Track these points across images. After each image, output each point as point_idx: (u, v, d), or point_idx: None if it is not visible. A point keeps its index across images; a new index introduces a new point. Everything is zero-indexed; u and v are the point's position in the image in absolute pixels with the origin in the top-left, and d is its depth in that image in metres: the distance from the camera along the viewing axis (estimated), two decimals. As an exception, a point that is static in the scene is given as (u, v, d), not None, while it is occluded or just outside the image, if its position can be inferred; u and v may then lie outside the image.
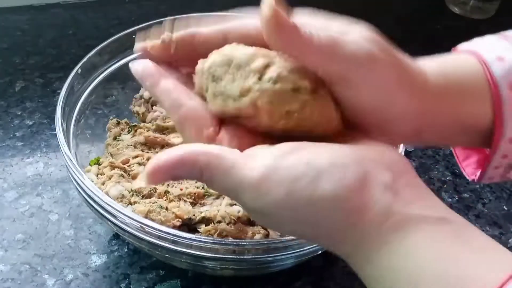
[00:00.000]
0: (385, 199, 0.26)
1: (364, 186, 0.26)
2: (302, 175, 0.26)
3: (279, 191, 0.26)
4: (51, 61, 0.69)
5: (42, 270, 0.47)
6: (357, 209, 0.26)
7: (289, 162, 0.27)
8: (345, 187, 0.26)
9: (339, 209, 0.26)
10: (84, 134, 0.52)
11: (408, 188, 0.27)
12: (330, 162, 0.26)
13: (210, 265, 0.42)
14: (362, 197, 0.26)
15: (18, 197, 0.53)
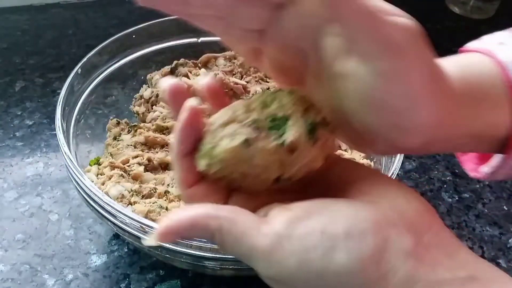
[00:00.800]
0: (406, 268, 0.25)
1: (382, 257, 0.25)
2: (316, 246, 0.25)
3: (291, 262, 0.25)
4: (51, 61, 0.69)
5: (42, 270, 0.47)
6: (376, 280, 0.25)
7: (303, 231, 0.25)
8: (362, 259, 0.24)
9: (356, 282, 0.25)
10: (84, 134, 0.52)
11: (433, 249, 0.26)
12: (346, 231, 0.25)
13: (210, 265, 0.42)
14: (380, 268, 0.25)
15: (18, 197, 0.53)
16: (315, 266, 0.25)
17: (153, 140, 0.51)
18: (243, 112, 0.28)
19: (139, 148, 0.51)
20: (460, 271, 0.25)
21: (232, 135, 0.28)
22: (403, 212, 0.26)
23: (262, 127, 0.28)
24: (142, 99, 0.57)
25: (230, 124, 0.28)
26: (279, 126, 0.28)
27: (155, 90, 0.56)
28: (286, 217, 0.26)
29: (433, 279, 0.25)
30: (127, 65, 0.57)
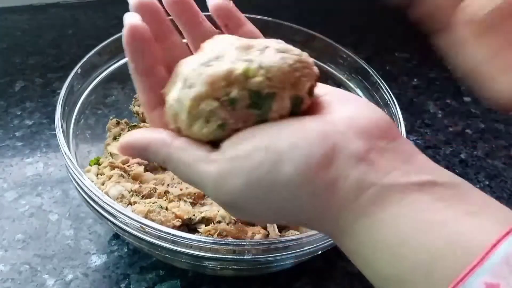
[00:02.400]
0: (357, 172, 0.25)
1: (330, 163, 0.25)
2: (261, 162, 0.25)
3: (239, 182, 0.25)
4: (51, 61, 0.69)
5: (42, 270, 0.47)
6: (325, 187, 0.25)
7: (247, 149, 0.25)
8: (309, 167, 0.24)
9: (304, 191, 0.25)
10: (84, 134, 0.52)
11: (387, 154, 0.25)
12: (291, 142, 0.25)
13: (210, 265, 0.42)
14: (329, 175, 0.25)
15: (18, 197, 0.53)
16: (263, 182, 0.25)
17: (153, 140, 0.51)
18: (223, 85, 0.26)
19: (139, 148, 0.51)
20: (417, 176, 0.25)
21: (207, 117, 0.27)
22: (354, 121, 0.26)
23: (241, 106, 0.26)
24: (142, 99, 0.56)
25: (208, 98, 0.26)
26: (262, 104, 0.26)
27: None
28: (232, 140, 0.26)
29: (387, 183, 0.24)
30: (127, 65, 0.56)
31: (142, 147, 0.28)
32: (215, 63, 0.27)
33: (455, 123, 0.68)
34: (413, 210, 0.24)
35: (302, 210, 0.26)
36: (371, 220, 0.24)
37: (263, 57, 0.27)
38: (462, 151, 0.64)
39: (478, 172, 0.61)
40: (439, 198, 0.24)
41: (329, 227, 0.26)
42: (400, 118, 0.49)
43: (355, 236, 0.25)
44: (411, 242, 0.23)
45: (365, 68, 0.54)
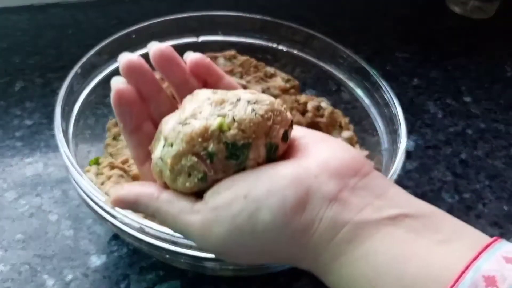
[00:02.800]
0: (331, 213, 0.26)
1: (305, 206, 0.26)
2: (241, 210, 0.26)
3: (222, 231, 0.27)
4: (51, 61, 0.69)
5: (42, 270, 0.47)
6: (302, 230, 0.26)
7: (227, 199, 0.27)
8: (284, 212, 0.26)
9: (282, 236, 0.26)
10: (83, 134, 0.52)
11: (359, 191, 0.27)
12: (267, 189, 0.26)
13: (210, 266, 0.42)
14: (305, 217, 0.26)
15: (18, 197, 0.53)
16: (244, 229, 0.26)
17: (153, 140, 0.51)
18: (200, 141, 0.28)
19: (139, 148, 0.51)
20: (389, 210, 0.26)
21: (189, 171, 0.29)
22: (326, 163, 0.27)
23: (219, 159, 0.28)
24: (142, 99, 0.56)
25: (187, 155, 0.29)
26: (238, 155, 0.28)
27: (155, 90, 0.56)
28: (213, 189, 0.28)
29: (360, 220, 0.26)
30: (127, 65, 0.57)
31: (131, 201, 0.30)
32: (192, 121, 0.29)
33: (455, 123, 0.68)
34: (386, 244, 0.25)
35: (282, 252, 0.28)
36: (348, 258, 0.26)
37: (235, 110, 0.29)
38: (462, 151, 0.64)
39: (478, 172, 0.61)
40: (411, 230, 0.25)
41: (310, 266, 0.28)
42: (400, 118, 0.49)
43: (335, 274, 0.26)
44: (386, 275, 0.24)
45: (365, 68, 0.54)
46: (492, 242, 0.24)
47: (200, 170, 0.28)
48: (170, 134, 0.29)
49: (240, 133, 0.28)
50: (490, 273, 0.22)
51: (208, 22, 0.59)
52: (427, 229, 0.25)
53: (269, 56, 0.61)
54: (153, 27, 0.57)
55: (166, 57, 0.32)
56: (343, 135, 0.56)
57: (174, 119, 0.30)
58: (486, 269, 0.22)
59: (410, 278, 0.24)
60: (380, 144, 0.53)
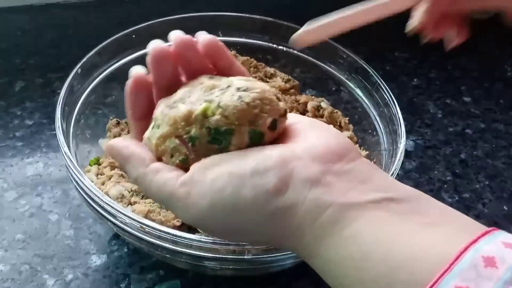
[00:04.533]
0: (313, 195, 0.26)
1: (287, 186, 0.27)
2: (225, 186, 0.27)
3: (205, 203, 0.28)
4: (51, 61, 0.69)
5: (42, 270, 0.47)
6: (283, 210, 0.27)
7: (213, 174, 0.28)
8: (266, 192, 0.27)
9: (264, 214, 0.27)
10: (84, 134, 0.52)
11: (344, 176, 0.27)
12: (252, 169, 0.27)
13: (210, 265, 0.42)
14: (287, 197, 0.27)
15: (18, 197, 0.53)
16: (226, 204, 0.27)
17: (153, 140, 0.51)
18: (184, 124, 0.29)
19: (139, 148, 0.51)
20: (373, 194, 0.26)
21: (171, 152, 0.30)
22: (311, 147, 0.28)
23: (201, 143, 0.29)
24: (142, 99, 0.56)
25: (170, 137, 0.30)
26: (221, 140, 0.29)
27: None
28: (200, 164, 0.29)
29: (344, 203, 0.26)
30: (127, 65, 0.57)
31: (124, 156, 0.31)
32: (179, 105, 0.30)
33: (455, 123, 0.68)
34: (371, 227, 0.25)
35: (264, 232, 0.28)
36: (333, 240, 0.26)
37: (223, 97, 0.30)
38: (462, 151, 0.64)
39: (478, 172, 0.62)
40: (396, 213, 0.25)
41: (294, 248, 0.28)
42: (400, 118, 0.49)
43: (321, 256, 0.27)
44: (372, 255, 0.24)
45: (365, 68, 0.54)
46: (491, 230, 0.25)
47: (181, 152, 0.30)
48: (158, 116, 0.31)
49: (223, 119, 0.29)
50: (489, 254, 0.22)
51: (208, 22, 0.59)
52: (412, 213, 0.25)
53: (269, 56, 0.61)
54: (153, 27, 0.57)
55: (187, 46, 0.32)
56: (343, 135, 0.56)
57: (165, 102, 0.31)
58: (486, 250, 0.22)
59: (396, 259, 0.24)
60: (380, 144, 0.53)
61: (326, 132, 0.30)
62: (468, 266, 0.22)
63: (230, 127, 0.29)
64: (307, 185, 0.27)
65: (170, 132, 0.30)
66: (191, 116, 0.29)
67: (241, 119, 0.29)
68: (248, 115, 0.29)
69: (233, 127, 0.29)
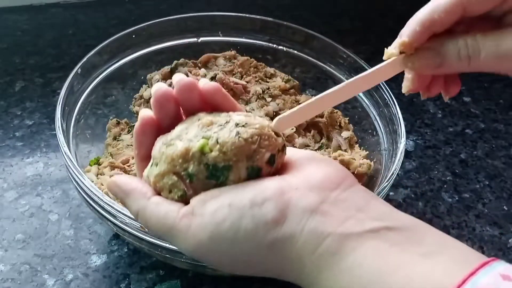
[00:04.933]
0: (312, 224, 0.27)
1: (285, 218, 0.27)
2: (225, 219, 0.28)
3: (205, 236, 0.28)
4: (51, 61, 0.69)
5: (42, 270, 0.47)
6: (283, 241, 0.27)
7: (213, 207, 0.28)
8: (265, 223, 0.27)
9: (263, 246, 0.27)
10: (84, 134, 0.52)
11: (341, 204, 0.27)
12: (251, 200, 0.27)
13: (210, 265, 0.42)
14: (286, 227, 0.27)
15: (18, 197, 0.53)
16: (226, 236, 0.28)
17: (153, 140, 0.51)
18: (181, 162, 0.30)
19: (139, 148, 0.51)
20: (371, 223, 0.27)
21: (169, 189, 0.30)
22: (308, 177, 0.29)
23: (199, 179, 0.29)
24: (142, 99, 0.56)
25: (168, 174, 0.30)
26: (218, 176, 0.29)
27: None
28: (200, 197, 0.29)
29: (343, 233, 0.26)
30: (127, 65, 0.57)
31: (125, 192, 0.32)
32: (176, 142, 0.30)
33: (455, 123, 0.68)
34: (370, 257, 0.26)
35: (265, 262, 0.29)
36: (333, 271, 0.26)
37: (220, 133, 0.30)
38: (462, 151, 0.64)
39: (478, 172, 0.62)
40: (394, 243, 0.26)
41: (296, 278, 0.29)
42: (400, 118, 0.49)
43: (322, 285, 0.27)
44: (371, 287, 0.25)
45: (365, 68, 0.54)
46: (490, 260, 0.24)
47: (179, 188, 0.30)
48: (156, 154, 0.31)
49: (221, 156, 0.29)
50: (486, 286, 0.23)
51: (208, 22, 0.59)
52: (410, 242, 0.26)
53: (269, 56, 0.61)
54: (153, 27, 0.57)
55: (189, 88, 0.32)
56: (342, 135, 0.56)
57: (162, 139, 0.31)
58: (483, 283, 0.23)
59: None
60: (380, 144, 0.53)
61: (323, 163, 0.30)
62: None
63: (227, 163, 0.29)
64: (305, 214, 0.27)
65: (167, 169, 0.30)
66: (189, 153, 0.29)
67: (238, 155, 0.29)
68: (246, 151, 0.29)
69: (231, 163, 0.29)
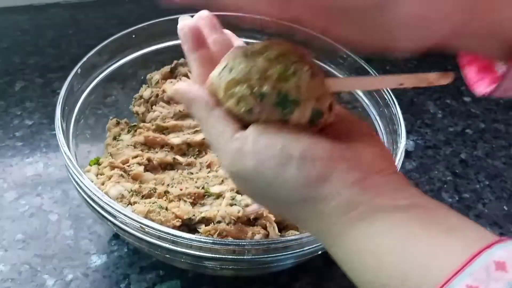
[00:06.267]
0: (349, 192, 0.28)
1: (325, 182, 0.28)
2: (273, 156, 0.29)
3: (250, 163, 0.29)
4: (51, 61, 0.69)
5: (42, 270, 0.47)
6: (318, 198, 0.28)
7: (267, 141, 0.29)
8: (308, 176, 0.28)
9: (299, 195, 0.29)
10: (83, 134, 0.52)
11: (380, 184, 0.29)
12: (301, 154, 0.29)
13: (210, 265, 0.42)
14: (323, 190, 0.28)
15: (18, 197, 0.53)
16: (268, 173, 0.29)
17: (153, 140, 0.51)
18: (258, 78, 0.30)
19: (139, 148, 0.51)
20: (403, 201, 0.28)
21: (240, 99, 0.30)
22: (359, 153, 0.30)
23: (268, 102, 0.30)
24: (142, 99, 0.56)
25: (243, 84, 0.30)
26: (286, 106, 0.30)
27: (155, 90, 0.56)
28: (258, 127, 0.30)
29: (376, 205, 0.28)
30: (127, 65, 0.57)
31: (188, 99, 0.33)
32: (259, 56, 0.31)
33: (455, 123, 0.68)
34: (397, 226, 0.27)
35: (294, 211, 0.30)
36: (359, 233, 0.28)
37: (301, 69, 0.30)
38: (462, 151, 0.64)
39: (478, 172, 0.61)
40: (423, 218, 0.27)
41: (319, 233, 0.30)
42: (400, 118, 0.49)
43: (345, 246, 0.28)
44: (393, 251, 0.26)
45: (365, 68, 0.54)
46: (505, 238, 0.26)
47: (248, 103, 0.30)
48: (234, 60, 0.31)
49: (296, 88, 0.30)
50: (500, 259, 0.24)
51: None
52: (437, 219, 0.27)
53: (269, 56, 0.61)
54: (153, 27, 0.57)
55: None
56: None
57: (244, 48, 0.32)
58: (498, 255, 0.24)
59: (415, 257, 0.25)
60: (380, 144, 0.52)
61: (375, 143, 0.32)
62: (480, 268, 0.23)
63: (298, 97, 0.30)
64: (346, 184, 0.28)
65: (244, 79, 0.30)
66: (268, 73, 0.30)
67: (311, 93, 0.30)
68: (318, 92, 0.30)
69: (302, 98, 0.30)
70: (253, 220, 0.44)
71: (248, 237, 0.43)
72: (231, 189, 0.46)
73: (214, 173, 0.49)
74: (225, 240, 0.42)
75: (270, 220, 0.45)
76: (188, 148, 0.52)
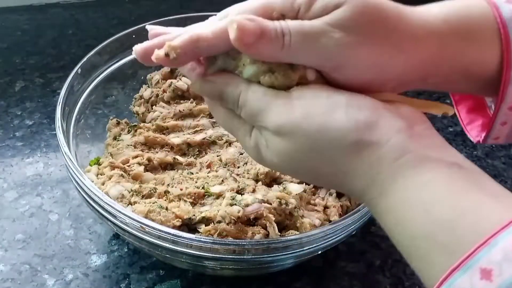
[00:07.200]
0: (399, 139, 0.28)
1: (375, 127, 0.28)
2: (320, 104, 0.29)
3: (298, 112, 0.29)
4: (51, 61, 0.69)
5: (42, 270, 0.47)
6: (367, 144, 0.28)
7: (312, 94, 0.30)
8: (357, 120, 0.28)
9: (348, 141, 0.28)
10: (84, 134, 0.52)
11: (424, 135, 0.29)
12: (347, 102, 0.29)
13: (210, 265, 0.42)
14: (372, 135, 0.28)
15: (18, 197, 0.53)
16: (316, 120, 0.29)
17: (153, 140, 0.51)
18: None
19: (139, 148, 0.51)
20: (447, 157, 0.28)
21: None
22: (399, 107, 0.30)
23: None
24: (142, 99, 0.56)
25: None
26: None
27: (155, 90, 0.56)
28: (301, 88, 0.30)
29: (424, 154, 0.28)
30: (127, 65, 0.57)
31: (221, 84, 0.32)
32: None
33: (455, 123, 0.68)
34: (444, 179, 0.27)
35: (342, 160, 0.29)
36: (409, 181, 0.27)
37: None
38: (462, 151, 0.64)
39: (478, 172, 0.61)
40: (469, 179, 0.27)
41: (364, 186, 0.29)
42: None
43: (392, 195, 0.28)
44: (442, 202, 0.26)
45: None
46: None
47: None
48: None
49: None
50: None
51: (208, 22, 0.59)
52: (481, 183, 0.27)
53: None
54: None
55: None
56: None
57: None
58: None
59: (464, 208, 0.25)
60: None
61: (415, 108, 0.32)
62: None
63: None
64: (393, 130, 0.28)
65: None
66: None
67: None
68: None
69: None
70: (253, 220, 0.44)
71: (248, 237, 0.43)
72: (231, 189, 0.46)
73: (214, 173, 0.49)
74: (225, 240, 0.42)
75: (270, 220, 0.45)
76: (188, 148, 0.52)
